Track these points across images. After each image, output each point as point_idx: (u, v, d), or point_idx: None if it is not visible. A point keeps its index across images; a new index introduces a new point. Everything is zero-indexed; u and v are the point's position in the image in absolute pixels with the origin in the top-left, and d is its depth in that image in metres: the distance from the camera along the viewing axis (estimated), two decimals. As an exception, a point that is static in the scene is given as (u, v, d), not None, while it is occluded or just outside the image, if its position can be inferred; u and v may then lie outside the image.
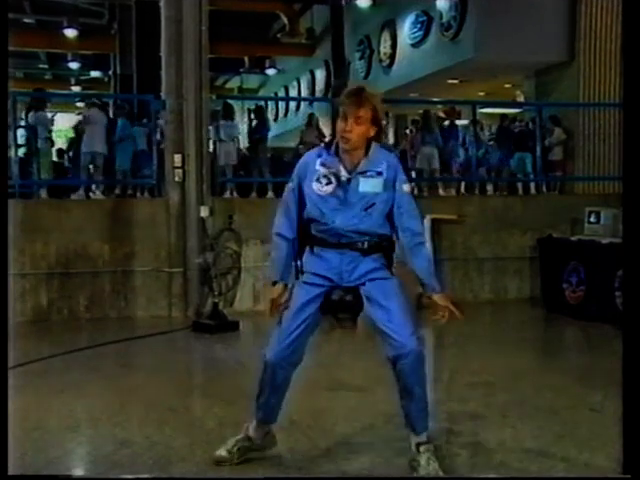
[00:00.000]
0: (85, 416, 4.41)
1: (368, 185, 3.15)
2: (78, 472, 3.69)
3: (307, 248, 3.24)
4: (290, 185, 3.28)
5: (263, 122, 11.07)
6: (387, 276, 3.20)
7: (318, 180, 3.16)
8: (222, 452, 3.39)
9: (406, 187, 3.23)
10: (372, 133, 3.14)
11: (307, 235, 3.23)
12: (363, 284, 3.17)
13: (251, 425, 3.40)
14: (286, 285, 3.24)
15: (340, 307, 3.21)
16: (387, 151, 3.32)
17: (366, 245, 3.16)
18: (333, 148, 3.20)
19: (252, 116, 11.16)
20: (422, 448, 3.23)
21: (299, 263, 3.25)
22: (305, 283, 3.20)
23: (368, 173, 3.15)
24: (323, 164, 3.18)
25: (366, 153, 3.18)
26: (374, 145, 3.20)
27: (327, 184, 3.14)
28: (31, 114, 9.64)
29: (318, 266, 3.18)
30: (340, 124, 3.10)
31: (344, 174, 3.15)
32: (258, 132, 10.78)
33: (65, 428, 4.11)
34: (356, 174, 3.15)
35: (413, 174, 10.56)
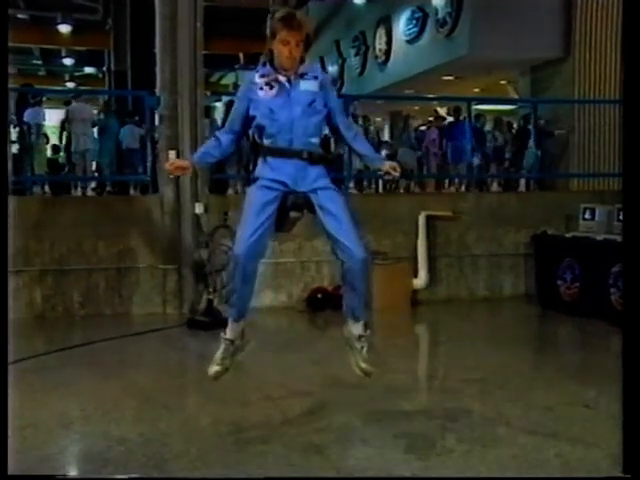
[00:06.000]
0: (79, 413, 4.39)
1: (308, 85, 3.64)
2: (71, 469, 3.68)
3: (260, 159, 3.64)
4: (239, 95, 3.70)
5: None
6: (335, 187, 3.67)
7: (261, 89, 3.61)
8: (214, 368, 3.66)
9: (333, 90, 3.82)
10: (304, 51, 3.63)
11: (259, 146, 3.63)
12: (315, 192, 3.58)
13: (227, 329, 3.69)
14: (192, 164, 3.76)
15: (293, 207, 3.64)
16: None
17: (312, 154, 3.61)
18: (268, 65, 3.64)
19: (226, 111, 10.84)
20: (362, 339, 3.68)
21: (252, 173, 3.68)
22: (263, 186, 3.59)
23: (306, 76, 3.65)
24: (262, 76, 3.63)
25: (300, 64, 3.66)
26: (307, 60, 3.72)
27: (271, 89, 3.60)
28: (29, 110, 9.60)
29: (275, 173, 3.58)
30: (283, 48, 3.53)
31: (283, 78, 3.60)
32: None
33: (58, 425, 4.10)
34: (297, 77, 3.62)
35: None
